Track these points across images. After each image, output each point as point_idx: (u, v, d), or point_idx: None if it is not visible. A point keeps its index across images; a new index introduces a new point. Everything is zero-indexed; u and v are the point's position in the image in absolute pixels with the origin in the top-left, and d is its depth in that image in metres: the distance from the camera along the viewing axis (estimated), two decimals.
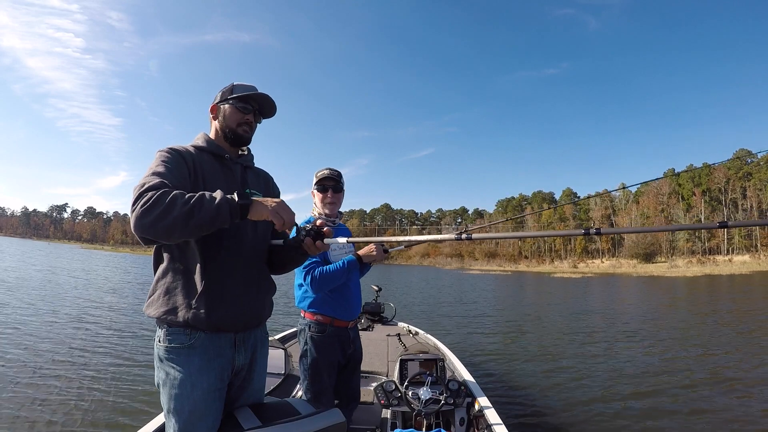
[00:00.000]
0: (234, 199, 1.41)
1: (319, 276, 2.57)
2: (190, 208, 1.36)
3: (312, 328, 2.68)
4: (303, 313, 2.76)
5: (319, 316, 2.68)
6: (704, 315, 14.73)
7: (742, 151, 75.45)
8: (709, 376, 7.06)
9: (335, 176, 2.77)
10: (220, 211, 1.38)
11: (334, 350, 2.70)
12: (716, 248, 71.91)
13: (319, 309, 2.69)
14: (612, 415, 5.31)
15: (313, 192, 2.81)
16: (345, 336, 2.76)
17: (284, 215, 1.47)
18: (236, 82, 1.83)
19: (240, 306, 1.68)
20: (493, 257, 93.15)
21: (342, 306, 2.74)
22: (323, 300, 2.69)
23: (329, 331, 2.68)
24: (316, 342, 2.66)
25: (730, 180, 75.35)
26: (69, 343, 8.30)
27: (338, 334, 2.72)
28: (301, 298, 2.75)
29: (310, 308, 2.70)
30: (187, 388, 1.57)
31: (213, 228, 1.42)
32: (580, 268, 67.59)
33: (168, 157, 1.61)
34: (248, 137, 1.84)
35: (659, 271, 52.82)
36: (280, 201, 1.49)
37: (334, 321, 2.70)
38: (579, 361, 8.18)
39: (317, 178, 2.77)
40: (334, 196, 2.76)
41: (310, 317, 2.70)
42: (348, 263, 2.64)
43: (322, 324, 2.68)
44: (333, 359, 2.70)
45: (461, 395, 3.34)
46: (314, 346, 2.66)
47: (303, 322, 2.75)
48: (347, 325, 2.77)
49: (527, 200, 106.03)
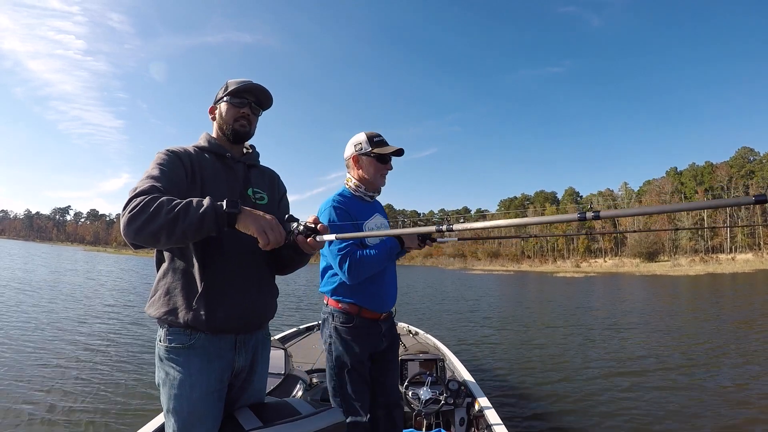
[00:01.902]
0: (222, 206, 1.37)
1: (360, 260, 2.21)
2: (174, 216, 1.34)
3: (336, 317, 2.33)
4: (327, 300, 2.41)
5: (345, 304, 2.33)
6: (706, 312, 14.70)
7: (745, 149, 75.32)
8: (711, 376, 7.04)
9: (400, 151, 2.42)
10: (204, 220, 1.35)
11: (363, 345, 2.34)
12: (719, 247, 71.71)
13: (346, 296, 2.33)
14: (613, 415, 5.30)
15: (356, 158, 2.41)
16: (375, 330, 2.40)
17: (271, 235, 1.40)
18: (230, 80, 1.81)
19: (240, 307, 1.66)
20: (495, 257, 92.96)
21: (374, 294, 2.37)
22: (352, 285, 2.30)
23: (356, 322, 2.33)
24: (341, 334, 2.32)
25: (733, 178, 75.11)
26: (70, 342, 8.35)
27: (367, 327, 2.36)
28: (326, 282, 2.41)
29: (335, 295, 2.35)
30: (187, 389, 1.56)
31: (200, 236, 1.39)
32: (583, 268, 67.48)
33: (164, 159, 1.60)
34: (247, 131, 1.81)
35: (662, 270, 52.65)
36: (270, 218, 1.42)
37: (362, 311, 2.34)
38: (579, 361, 8.17)
39: (375, 145, 2.38)
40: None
41: (335, 305, 2.35)
42: (390, 246, 2.29)
43: (348, 314, 2.32)
44: (362, 356, 2.34)
45: (461, 395, 3.36)
46: (339, 340, 2.31)
47: (326, 310, 2.40)
48: (379, 317, 2.41)
49: (529, 199, 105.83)
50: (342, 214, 2.27)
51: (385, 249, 2.27)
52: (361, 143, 2.38)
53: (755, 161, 74.93)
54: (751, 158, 75.26)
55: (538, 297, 23.96)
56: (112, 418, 4.88)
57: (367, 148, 2.36)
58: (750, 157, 75.30)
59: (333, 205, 2.30)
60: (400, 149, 2.39)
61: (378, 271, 2.32)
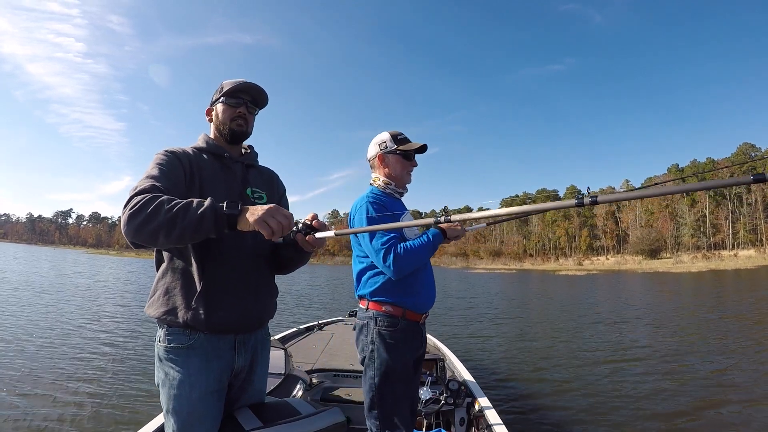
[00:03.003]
0: (222, 208, 1.36)
1: (404, 253, 2.09)
2: (173, 215, 1.33)
3: (380, 321, 2.16)
4: (366, 304, 2.23)
5: (389, 306, 2.17)
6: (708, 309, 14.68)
7: (746, 145, 75.11)
8: (713, 376, 7.02)
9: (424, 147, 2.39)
10: (203, 221, 1.33)
11: (410, 350, 2.21)
12: (721, 243, 71.50)
13: (388, 296, 2.18)
14: (613, 415, 5.30)
15: (382, 156, 2.36)
16: (418, 333, 2.27)
17: (272, 222, 1.34)
18: (225, 81, 1.81)
19: (240, 307, 1.66)
20: (498, 256, 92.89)
21: (418, 293, 2.24)
22: (394, 285, 2.17)
23: (401, 325, 2.17)
24: (386, 339, 2.14)
25: (734, 174, 74.82)
26: (70, 342, 8.39)
27: (411, 330, 2.21)
28: (363, 284, 2.25)
29: (376, 296, 2.19)
30: (186, 389, 1.56)
31: (199, 237, 1.38)
32: (585, 266, 67.36)
33: (164, 159, 1.61)
34: (244, 131, 1.81)
35: (664, 267, 52.52)
36: (268, 208, 1.36)
37: (407, 313, 2.19)
38: (580, 360, 8.17)
39: (400, 143, 2.35)
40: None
41: (377, 308, 2.18)
42: (433, 237, 2.20)
43: (392, 317, 2.16)
44: (407, 361, 2.20)
45: (461, 395, 3.35)
46: (385, 345, 2.13)
47: (366, 314, 2.21)
48: (420, 319, 2.27)
49: (531, 198, 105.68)
50: (379, 209, 2.21)
51: (428, 239, 2.19)
52: (385, 142, 2.36)
53: (757, 157, 74.67)
54: (753, 154, 75.00)
55: (539, 295, 23.93)
56: (113, 418, 4.90)
57: (392, 146, 2.34)
58: (751, 153, 75.06)
59: (369, 201, 2.24)
60: (424, 145, 2.37)
61: (420, 267, 2.24)
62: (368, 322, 2.18)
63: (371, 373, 2.14)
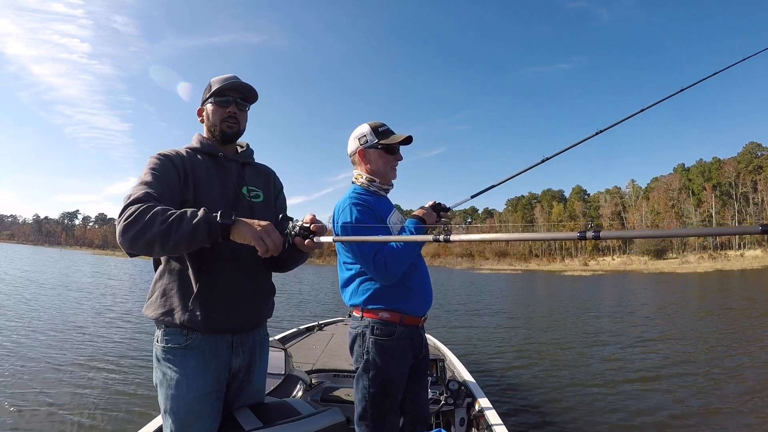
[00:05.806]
0: (215, 218, 1.38)
1: (389, 255, 1.96)
2: (167, 227, 1.34)
3: (376, 330, 2.03)
4: (359, 312, 2.11)
5: (384, 312, 2.05)
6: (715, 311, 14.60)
7: (752, 144, 74.57)
8: (715, 375, 7.00)
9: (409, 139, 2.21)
10: (197, 232, 1.35)
11: (406, 358, 2.09)
12: (728, 243, 70.92)
13: (384, 303, 2.05)
14: (614, 415, 5.29)
15: (362, 152, 2.20)
16: (417, 337, 2.15)
17: (268, 241, 1.38)
18: (213, 79, 1.79)
19: (236, 307, 1.66)
20: (503, 257, 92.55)
21: (415, 295, 2.12)
22: (388, 290, 2.05)
23: (399, 332, 2.05)
24: (384, 349, 2.02)
25: (740, 174, 74.28)
26: (71, 342, 8.47)
27: (410, 336, 2.10)
28: (354, 292, 2.12)
29: (371, 304, 2.07)
30: (183, 389, 1.57)
31: (194, 246, 1.39)
32: (591, 266, 67.17)
33: (157, 164, 1.61)
34: (235, 130, 1.79)
35: (670, 268, 52.30)
36: (266, 225, 1.41)
37: (405, 318, 2.07)
38: (581, 361, 8.16)
39: (381, 135, 2.18)
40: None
41: (372, 316, 2.06)
42: (415, 227, 2.07)
43: (389, 324, 2.04)
44: (404, 370, 2.10)
45: (461, 395, 3.35)
46: (381, 355, 2.02)
47: (360, 324, 2.09)
48: (419, 323, 2.16)
49: (537, 198, 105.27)
50: (364, 210, 2.07)
51: (410, 233, 2.06)
52: (365, 135, 2.19)
53: (763, 156, 74.08)
54: (759, 153, 74.42)
55: (543, 296, 23.86)
56: (113, 418, 4.94)
57: (372, 140, 2.17)
58: (758, 152, 74.48)
59: (353, 203, 2.09)
60: (409, 137, 2.19)
61: (411, 266, 2.10)
62: (363, 331, 2.07)
63: (365, 383, 2.04)
